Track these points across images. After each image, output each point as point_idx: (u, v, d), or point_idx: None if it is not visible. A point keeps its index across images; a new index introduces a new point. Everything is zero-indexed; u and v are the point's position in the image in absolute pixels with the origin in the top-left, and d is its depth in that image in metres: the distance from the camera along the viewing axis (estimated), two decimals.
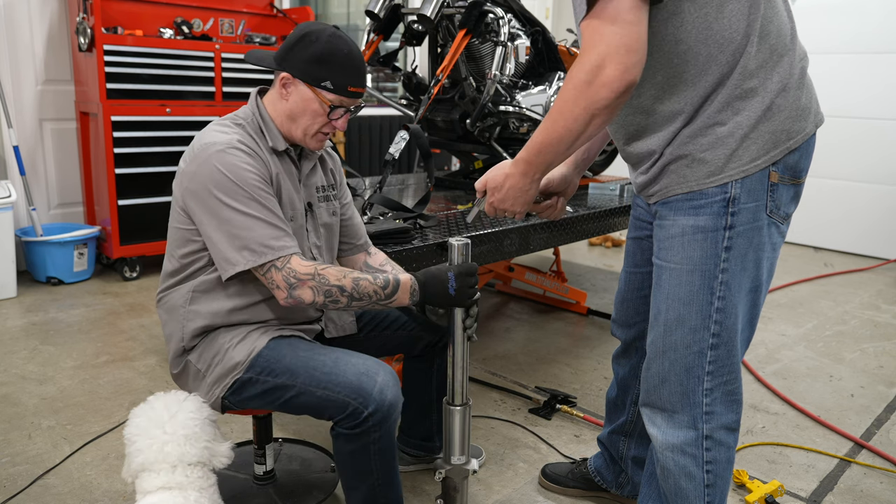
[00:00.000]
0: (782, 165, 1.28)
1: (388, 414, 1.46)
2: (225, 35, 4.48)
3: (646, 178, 1.38)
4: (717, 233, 1.29)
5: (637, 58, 1.14)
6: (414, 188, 3.28)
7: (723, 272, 1.30)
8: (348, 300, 1.48)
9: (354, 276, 1.48)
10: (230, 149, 1.48)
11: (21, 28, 3.91)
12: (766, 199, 1.29)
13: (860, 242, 5.38)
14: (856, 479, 2.18)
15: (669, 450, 1.42)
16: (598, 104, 1.17)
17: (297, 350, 1.55)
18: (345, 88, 1.53)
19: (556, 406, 2.51)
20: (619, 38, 1.13)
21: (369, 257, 1.87)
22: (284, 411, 1.57)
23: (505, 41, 2.86)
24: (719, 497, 1.43)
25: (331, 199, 1.76)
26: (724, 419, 1.39)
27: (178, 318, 1.59)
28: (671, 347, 1.38)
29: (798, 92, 1.29)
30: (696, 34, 1.23)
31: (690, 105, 1.27)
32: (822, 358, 3.21)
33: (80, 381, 2.65)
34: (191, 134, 4.05)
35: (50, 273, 3.82)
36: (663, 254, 1.37)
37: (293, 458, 2.10)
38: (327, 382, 1.47)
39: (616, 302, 1.78)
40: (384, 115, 5.57)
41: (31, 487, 1.95)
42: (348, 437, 1.48)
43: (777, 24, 1.27)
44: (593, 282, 4.36)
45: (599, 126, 1.22)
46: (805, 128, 1.30)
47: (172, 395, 1.44)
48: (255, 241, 1.44)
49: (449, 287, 1.49)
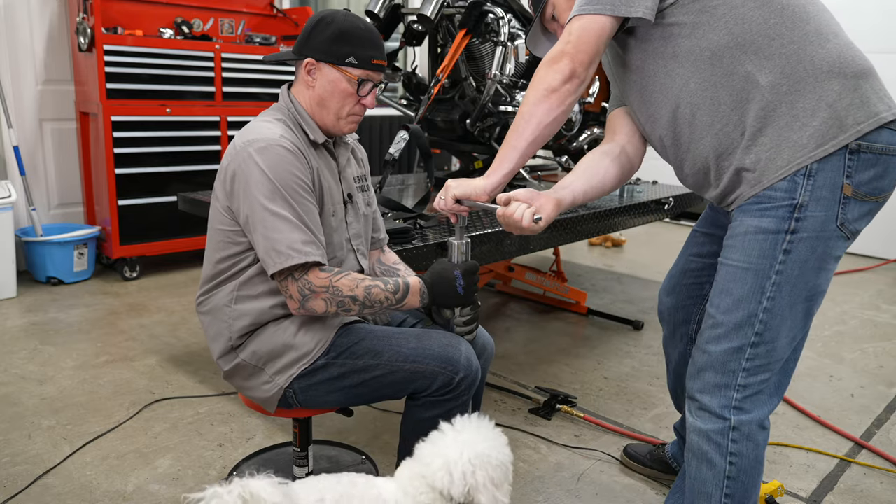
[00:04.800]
0: (857, 179, 1.30)
1: (474, 379, 1.54)
2: (225, 35, 4.48)
3: (719, 190, 1.45)
4: (778, 235, 1.33)
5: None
6: (414, 188, 3.28)
7: (777, 274, 1.34)
8: (360, 308, 1.50)
9: (366, 285, 1.49)
10: (273, 146, 1.47)
11: (21, 28, 3.91)
12: (838, 211, 1.31)
13: (860, 242, 5.36)
14: (856, 479, 2.18)
15: (696, 433, 1.46)
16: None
17: (372, 332, 1.58)
18: (368, 61, 1.54)
19: (556, 406, 2.51)
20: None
21: (383, 255, 1.87)
22: (352, 397, 1.58)
23: (505, 41, 2.85)
24: (741, 493, 1.44)
25: (366, 190, 1.77)
26: (755, 415, 1.42)
27: (223, 317, 1.59)
28: (714, 340, 1.42)
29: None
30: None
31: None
32: (822, 358, 3.21)
33: (80, 381, 2.65)
34: (191, 134, 4.07)
35: (50, 273, 3.81)
36: (726, 252, 1.42)
37: (319, 458, 2.10)
38: (415, 356, 1.51)
39: (668, 276, 1.86)
40: (384, 115, 5.57)
41: (31, 487, 1.95)
42: (434, 403, 1.52)
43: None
44: (593, 282, 4.36)
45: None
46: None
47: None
48: (283, 242, 1.44)
49: (458, 286, 1.51)
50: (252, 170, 1.46)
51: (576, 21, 1.37)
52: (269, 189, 1.45)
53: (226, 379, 1.67)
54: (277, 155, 1.47)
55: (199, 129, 4.10)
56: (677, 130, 1.44)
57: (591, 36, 1.35)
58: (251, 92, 4.30)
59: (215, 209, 1.58)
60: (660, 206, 3.20)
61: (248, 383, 1.62)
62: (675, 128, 1.44)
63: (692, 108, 1.39)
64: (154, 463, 2.11)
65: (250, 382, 1.61)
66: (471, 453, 1.25)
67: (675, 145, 1.47)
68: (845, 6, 5.17)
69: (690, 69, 1.36)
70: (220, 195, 1.56)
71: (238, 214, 1.52)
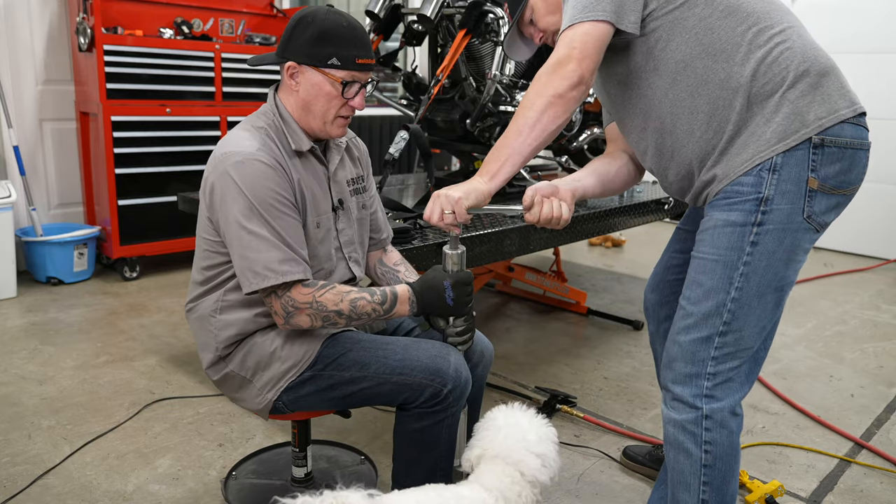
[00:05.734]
0: (822, 173, 1.34)
1: (464, 390, 1.50)
2: (225, 35, 4.48)
3: (693, 190, 1.49)
4: (745, 227, 1.36)
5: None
6: (414, 188, 3.28)
7: (745, 265, 1.37)
8: (346, 321, 1.48)
9: (352, 298, 1.45)
10: (250, 160, 1.42)
11: (21, 28, 3.91)
12: (804, 204, 1.35)
13: (860, 242, 5.38)
14: (856, 479, 2.18)
15: (671, 424, 1.49)
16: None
17: (360, 343, 1.54)
18: (352, 61, 1.47)
19: (556, 406, 2.51)
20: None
21: (385, 255, 1.83)
22: (342, 406, 1.57)
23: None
24: (720, 480, 1.46)
25: (361, 192, 1.72)
26: (726, 402, 1.44)
27: (209, 327, 1.58)
28: (683, 330, 1.45)
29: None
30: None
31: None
32: (822, 358, 3.21)
33: (80, 381, 2.65)
34: (191, 134, 4.07)
35: (50, 273, 3.81)
36: (697, 245, 1.46)
37: (318, 458, 2.10)
38: (402, 368, 1.48)
39: (653, 273, 1.91)
40: (384, 115, 5.57)
41: (31, 487, 1.96)
42: (422, 415, 1.50)
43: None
44: (593, 282, 4.36)
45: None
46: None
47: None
48: (259, 262, 1.41)
49: (447, 297, 1.48)
50: (228, 186, 1.42)
51: (577, 28, 1.36)
52: (246, 207, 1.41)
53: (217, 388, 1.67)
54: (254, 170, 1.41)
55: (199, 129, 4.10)
56: (660, 141, 1.48)
57: (595, 41, 1.36)
58: (251, 92, 4.30)
59: (201, 216, 1.56)
60: (660, 206, 3.20)
61: (237, 395, 1.61)
62: (659, 138, 1.48)
63: (672, 119, 1.43)
64: (154, 463, 2.11)
65: (240, 394, 1.61)
66: (542, 433, 1.37)
67: (659, 154, 1.50)
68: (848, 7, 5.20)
69: (669, 81, 1.41)
70: (203, 206, 1.53)
71: (218, 226, 1.49)
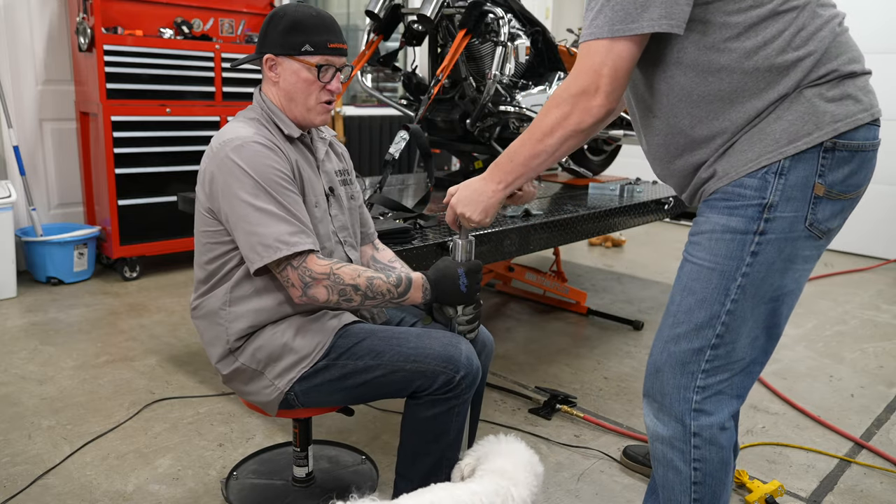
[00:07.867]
0: (830, 179, 1.24)
1: (475, 377, 1.54)
2: (225, 35, 4.48)
3: (691, 187, 1.41)
4: (746, 236, 1.27)
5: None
6: (414, 188, 3.28)
7: (743, 276, 1.29)
8: (362, 299, 1.50)
9: (369, 276, 1.49)
10: (249, 143, 1.49)
11: (21, 28, 3.90)
12: (807, 212, 1.26)
13: (860, 242, 5.38)
14: (856, 479, 2.18)
15: (659, 441, 1.42)
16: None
17: (374, 332, 1.57)
18: (324, 46, 1.55)
19: (556, 406, 2.51)
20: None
21: (377, 252, 1.87)
22: (353, 397, 1.59)
23: (505, 41, 2.86)
24: (710, 496, 1.41)
25: (348, 183, 1.78)
26: (715, 418, 1.37)
27: (219, 321, 1.59)
28: (673, 339, 1.37)
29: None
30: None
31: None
32: (823, 358, 3.21)
33: (80, 381, 2.65)
34: (191, 134, 4.07)
35: (50, 273, 3.81)
36: (690, 248, 1.36)
37: (319, 458, 2.10)
38: (416, 356, 1.51)
39: None
40: (384, 115, 5.57)
41: (31, 487, 1.95)
42: (434, 402, 1.53)
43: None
44: (593, 282, 4.36)
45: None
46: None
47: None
48: (270, 236, 1.45)
49: (461, 284, 1.52)
50: (232, 169, 1.47)
51: (612, 47, 1.22)
52: (252, 185, 1.46)
53: (225, 383, 1.67)
54: (255, 151, 1.48)
55: (199, 129, 4.10)
56: (671, 136, 1.38)
57: (628, 64, 1.24)
58: (251, 92, 4.29)
59: (198, 213, 1.59)
60: (660, 206, 3.20)
61: (248, 388, 1.62)
62: (670, 132, 1.37)
63: (691, 118, 1.32)
64: (154, 463, 2.11)
65: (250, 387, 1.61)
66: (535, 460, 1.44)
67: (666, 147, 1.41)
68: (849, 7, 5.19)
69: (689, 75, 1.30)
70: (202, 198, 1.57)
71: (219, 214, 1.52)
